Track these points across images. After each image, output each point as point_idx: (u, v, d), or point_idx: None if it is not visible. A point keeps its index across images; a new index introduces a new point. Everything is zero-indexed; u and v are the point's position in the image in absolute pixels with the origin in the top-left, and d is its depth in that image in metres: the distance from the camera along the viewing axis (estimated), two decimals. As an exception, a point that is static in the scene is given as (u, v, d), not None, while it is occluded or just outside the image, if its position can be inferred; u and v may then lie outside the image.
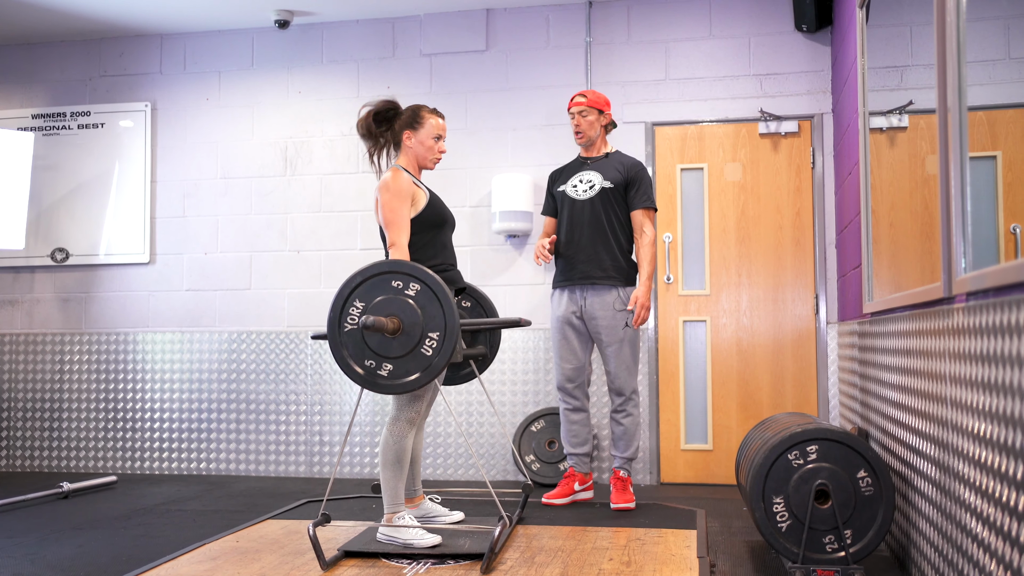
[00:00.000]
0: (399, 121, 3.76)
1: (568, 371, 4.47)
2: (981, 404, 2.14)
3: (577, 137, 4.51)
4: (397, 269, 3.18)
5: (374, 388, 3.17)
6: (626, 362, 4.38)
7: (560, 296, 4.49)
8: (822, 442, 3.07)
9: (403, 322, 3.13)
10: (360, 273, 3.19)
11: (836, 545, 3.03)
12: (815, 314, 5.21)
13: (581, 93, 4.49)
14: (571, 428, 4.51)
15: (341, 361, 3.17)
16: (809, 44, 5.30)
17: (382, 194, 3.59)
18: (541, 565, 3.23)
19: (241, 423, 5.75)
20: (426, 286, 3.15)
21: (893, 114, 3.45)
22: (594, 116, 4.47)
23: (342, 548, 3.37)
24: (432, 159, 3.79)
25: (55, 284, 6.06)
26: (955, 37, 2.29)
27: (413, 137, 3.73)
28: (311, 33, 5.87)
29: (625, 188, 4.43)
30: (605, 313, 4.36)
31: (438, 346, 3.14)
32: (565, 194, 4.50)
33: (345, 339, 3.17)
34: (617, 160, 4.50)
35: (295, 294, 5.77)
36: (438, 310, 3.14)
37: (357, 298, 3.18)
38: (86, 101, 6.11)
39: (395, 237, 3.54)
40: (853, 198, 4.36)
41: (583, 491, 4.54)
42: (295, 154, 5.84)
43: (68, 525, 4.23)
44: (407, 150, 3.75)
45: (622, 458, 4.45)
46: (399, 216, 3.56)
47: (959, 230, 2.30)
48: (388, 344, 3.16)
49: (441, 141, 3.79)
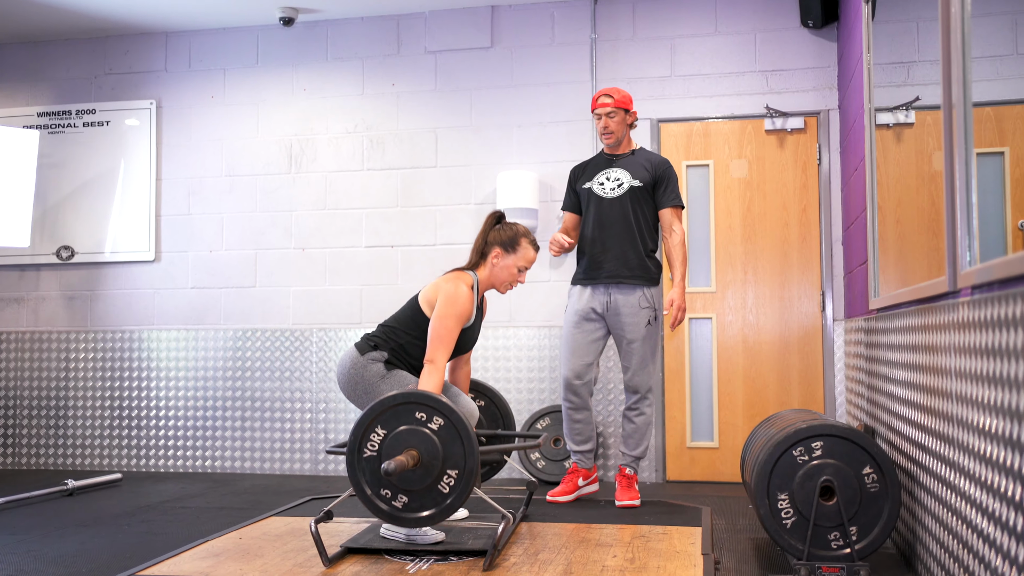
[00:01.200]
0: (494, 233, 3.77)
1: (578, 367, 4.39)
2: (987, 398, 2.12)
3: (605, 138, 4.45)
4: (422, 401, 3.12)
5: (387, 518, 3.13)
6: (645, 360, 4.35)
7: (582, 291, 4.43)
8: (827, 438, 3.05)
9: (422, 456, 3.08)
10: (384, 401, 3.14)
11: (841, 542, 3.01)
12: (821, 311, 5.19)
13: (606, 93, 4.42)
14: (574, 427, 4.47)
15: (356, 486, 3.13)
16: (815, 40, 5.27)
17: (444, 305, 3.61)
18: (544, 562, 3.22)
19: (246, 421, 5.75)
20: (450, 422, 3.10)
21: (899, 110, 3.43)
22: (621, 116, 4.42)
23: (345, 545, 3.36)
24: (506, 286, 3.84)
25: (60, 282, 6.06)
26: (960, 32, 2.27)
27: (502, 258, 3.74)
28: (316, 30, 5.86)
29: (653, 187, 4.41)
30: (630, 310, 4.32)
31: (455, 484, 3.09)
32: (592, 192, 4.46)
33: (364, 465, 3.14)
34: (644, 158, 4.47)
35: (300, 292, 5.76)
36: (459, 448, 3.08)
37: (380, 425, 3.13)
38: (91, 99, 6.11)
39: (435, 355, 3.57)
40: (859, 194, 4.34)
41: (588, 485, 4.52)
42: (300, 152, 5.84)
43: (72, 522, 4.23)
44: (491, 266, 3.78)
45: (631, 456, 4.42)
46: (451, 334, 3.60)
47: (963, 223, 2.28)
48: (406, 475, 3.09)
49: (524, 273, 3.82)
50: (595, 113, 4.46)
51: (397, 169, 5.70)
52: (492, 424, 4.23)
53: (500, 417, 4.23)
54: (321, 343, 5.68)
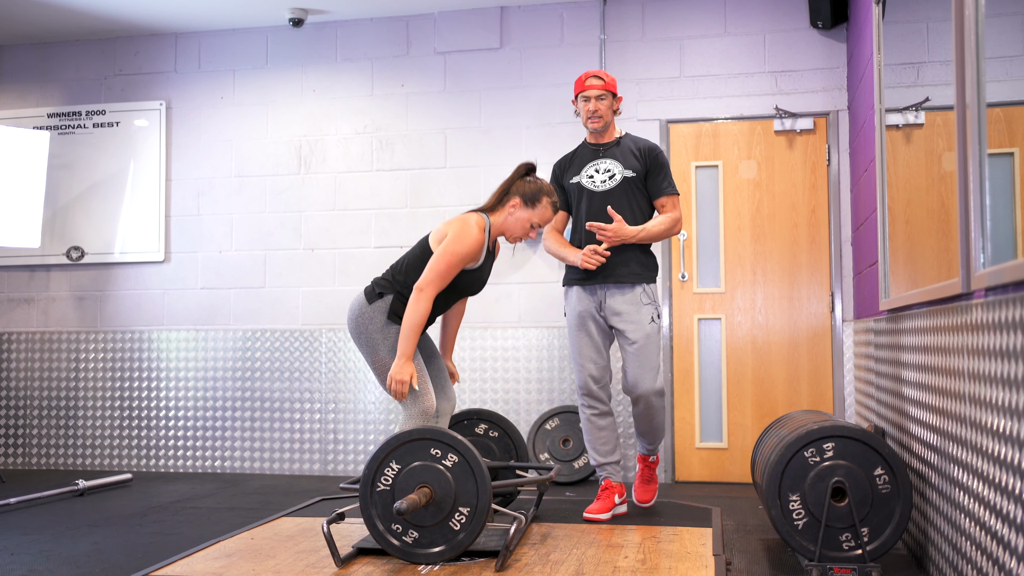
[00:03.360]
0: (520, 184, 3.74)
1: (593, 370, 4.10)
2: (1000, 400, 2.12)
3: (592, 122, 4.12)
4: (438, 438, 3.14)
5: (398, 553, 3.15)
6: (652, 361, 4.03)
7: (579, 293, 4.14)
8: (839, 439, 3.05)
9: (435, 493, 3.09)
10: (399, 436, 3.15)
11: (853, 543, 3.01)
12: (831, 311, 5.18)
13: (595, 75, 4.14)
14: (599, 435, 4.16)
15: (368, 519, 3.15)
16: (824, 41, 5.27)
17: (453, 241, 3.56)
18: (556, 563, 3.23)
19: (256, 421, 5.76)
20: (464, 460, 3.11)
21: (909, 111, 3.44)
22: (610, 100, 4.14)
23: (356, 545, 3.36)
24: (516, 238, 3.77)
25: (70, 282, 6.08)
26: (974, 33, 2.27)
27: (519, 210, 3.71)
28: (325, 31, 5.88)
29: (646, 176, 4.12)
30: (632, 308, 4.03)
31: (467, 522, 3.10)
32: (581, 186, 4.15)
33: (376, 499, 3.16)
34: (632, 144, 4.17)
35: (309, 292, 5.78)
36: (472, 486, 3.09)
37: (394, 460, 3.15)
38: (101, 100, 6.13)
39: (427, 285, 3.52)
40: (869, 195, 4.34)
41: (621, 504, 4.16)
42: (309, 152, 5.85)
43: (84, 522, 4.25)
44: (507, 214, 3.72)
45: (648, 448, 4.25)
46: (450, 271, 3.56)
47: (977, 226, 2.28)
48: (419, 512, 3.11)
49: (536, 230, 3.76)
50: (582, 96, 4.13)
51: (406, 170, 5.71)
52: (505, 454, 4.20)
53: (513, 448, 4.20)
54: (330, 343, 5.69)
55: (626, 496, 4.25)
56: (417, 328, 3.50)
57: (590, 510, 4.06)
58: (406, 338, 3.49)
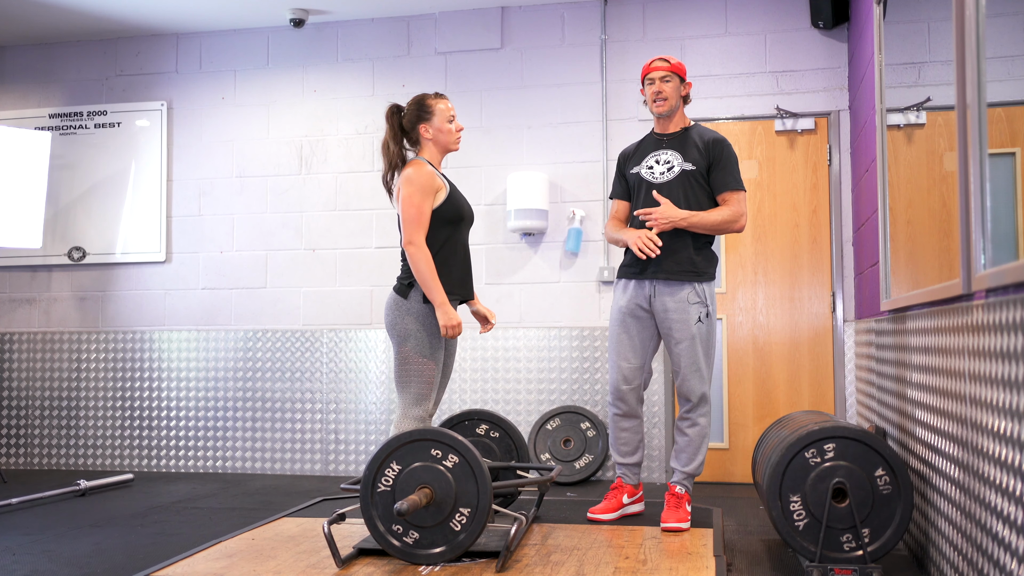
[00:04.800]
0: (407, 119, 3.73)
1: (626, 370, 3.95)
2: (1001, 401, 2.12)
3: (657, 106, 3.94)
4: (439, 439, 3.13)
5: (399, 554, 3.14)
6: (696, 362, 3.84)
7: (626, 285, 3.98)
8: (839, 440, 3.05)
9: (435, 493, 3.09)
10: (399, 437, 3.15)
11: (854, 544, 3.01)
12: (832, 312, 5.18)
13: (661, 58, 3.97)
14: (621, 436, 4.04)
15: (368, 520, 3.15)
16: (826, 41, 5.27)
17: (404, 187, 3.55)
18: (557, 563, 3.23)
19: (257, 421, 5.76)
20: (464, 460, 3.11)
21: (911, 111, 3.43)
22: (676, 83, 3.94)
23: (357, 546, 3.36)
24: (455, 140, 3.73)
25: (72, 283, 6.09)
26: (975, 33, 2.27)
27: (430, 128, 3.70)
28: (326, 32, 5.88)
29: (708, 169, 3.91)
30: (678, 306, 3.84)
31: (467, 523, 3.10)
32: (640, 176, 3.98)
33: (377, 500, 3.16)
34: (697, 136, 3.97)
35: (310, 292, 5.78)
36: (473, 487, 3.09)
37: (395, 460, 3.14)
38: (103, 100, 6.14)
39: (412, 234, 3.51)
40: (870, 195, 4.33)
41: (632, 504, 4.07)
42: (310, 153, 5.85)
43: (85, 522, 4.25)
44: (427, 143, 3.70)
45: (682, 472, 3.89)
46: (421, 212, 3.53)
47: (978, 226, 2.28)
48: (419, 513, 3.11)
49: (455, 121, 3.74)
50: (647, 78, 3.97)
51: (407, 170, 5.70)
52: (506, 455, 4.20)
53: (514, 448, 4.19)
54: (331, 344, 5.69)
55: (641, 495, 4.14)
56: (432, 274, 3.49)
57: (594, 510, 4.02)
58: (429, 288, 3.48)
